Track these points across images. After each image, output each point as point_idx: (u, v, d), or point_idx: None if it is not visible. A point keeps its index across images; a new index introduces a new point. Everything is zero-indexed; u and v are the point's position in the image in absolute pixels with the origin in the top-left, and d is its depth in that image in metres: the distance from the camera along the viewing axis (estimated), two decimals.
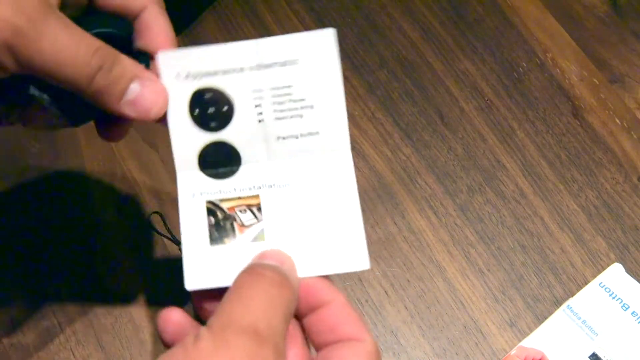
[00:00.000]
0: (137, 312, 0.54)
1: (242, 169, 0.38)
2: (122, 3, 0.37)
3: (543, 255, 0.54)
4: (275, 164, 0.38)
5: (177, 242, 0.56)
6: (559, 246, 0.54)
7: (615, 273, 0.51)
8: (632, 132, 0.58)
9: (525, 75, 0.61)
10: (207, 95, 0.37)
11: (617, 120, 0.59)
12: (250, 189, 0.38)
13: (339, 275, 0.54)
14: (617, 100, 0.60)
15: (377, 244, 0.55)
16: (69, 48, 0.32)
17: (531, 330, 0.51)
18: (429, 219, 0.56)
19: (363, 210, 0.56)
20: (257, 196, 0.38)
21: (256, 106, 0.37)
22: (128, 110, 0.35)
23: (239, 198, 0.38)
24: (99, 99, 0.35)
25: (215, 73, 0.37)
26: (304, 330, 0.35)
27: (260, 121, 0.37)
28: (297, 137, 0.37)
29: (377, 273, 0.54)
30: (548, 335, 0.50)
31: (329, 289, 0.35)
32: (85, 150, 0.59)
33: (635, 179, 0.57)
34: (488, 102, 0.60)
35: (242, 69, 0.37)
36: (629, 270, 0.52)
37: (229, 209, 0.38)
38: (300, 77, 0.36)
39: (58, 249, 0.55)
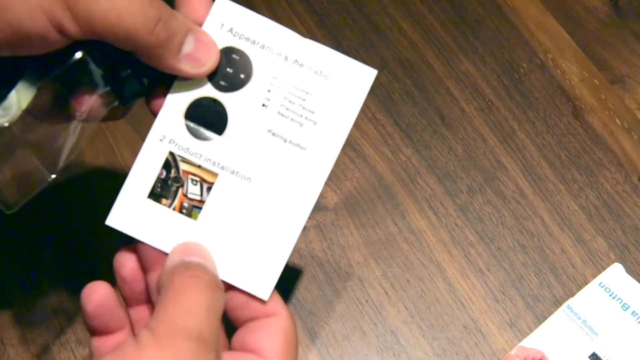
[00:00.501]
0: None
1: (219, 140, 0.37)
2: None
3: (543, 255, 0.54)
4: (250, 153, 0.37)
5: None
6: (559, 246, 0.54)
7: (615, 273, 0.51)
8: (633, 133, 0.58)
9: (526, 76, 0.61)
10: (235, 56, 0.37)
11: (618, 121, 0.59)
12: (214, 164, 0.37)
13: (339, 275, 0.54)
14: (618, 101, 0.60)
15: (377, 245, 0.55)
16: (127, 3, 0.32)
17: (531, 330, 0.51)
18: (429, 219, 0.56)
19: (364, 211, 0.56)
20: (215, 175, 0.37)
21: (268, 91, 0.37)
22: (184, 66, 0.35)
23: (199, 167, 0.37)
24: (158, 54, 0.34)
25: (253, 42, 0.37)
26: None
27: (263, 105, 0.37)
28: (285, 141, 0.37)
29: (377, 273, 0.54)
30: (548, 335, 0.50)
31: None
32: (86, 152, 0.59)
33: (635, 179, 0.57)
34: (488, 102, 0.60)
35: (279, 53, 0.37)
36: (629, 270, 0.52)
37: (183, 171, 0.37)
38: (322, 92, 0.37)
39: (58, 249, 0.56)
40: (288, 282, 0.55)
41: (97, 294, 0.36)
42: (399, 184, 0.57)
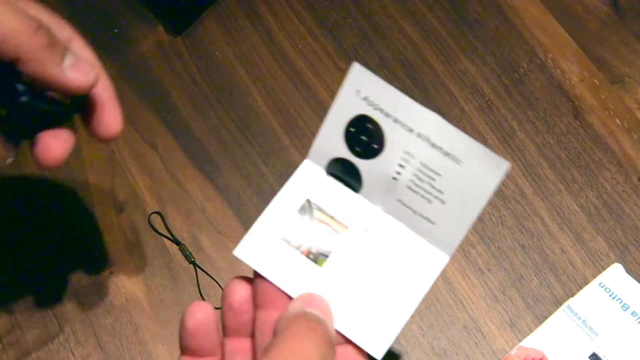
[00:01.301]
0: (137, 312, 0.54)
1: (353, 197, 0.39)
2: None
3: (543, 255, 0.54)
4: (381, 214, 0.38)
5: (178, 242, 0.56)
6: (559, 246, 0.54)
7: (615, 273, 0.51)
8: (633, 133, 0.58)
9: (526, 75, 0.61)
10: (369, 125, 0.37)
11: (618, 121, 0.59)
12: (346, 217, 0.38)
13: None
14: (618, 101, 0.60)
15: None
16: (9, 20, 0.34)
17: (531, 330, 0.51)
18: None
19: None
20: (345, 227, 0.38)
21: (399, 165, 0.37)
22: (70, 74, 0.37)
23: (332, 217, 0.38)
24: (41, 58, 0.35)
25: (387, 114, 0.36)
26: None
27: (394, 178, 0.38)
28: (414, 212, 0.38)
29: None
30: (548, 335, 0.50)
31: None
32: (85, 150, 0.59)
33: (635, 179, 0.57)
34: (488, 102, 0.60)
35: (411, 130, 0.36)
36: (629, 270, 0.52)
37: (317, 219, 0.38)
38: (453, 175, 0.36)
39: (58, 249, 0.55)
40: None
41: (200, 313, 0.35)
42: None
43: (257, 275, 0.36)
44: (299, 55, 0.63)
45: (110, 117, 0.41)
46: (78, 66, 0.37)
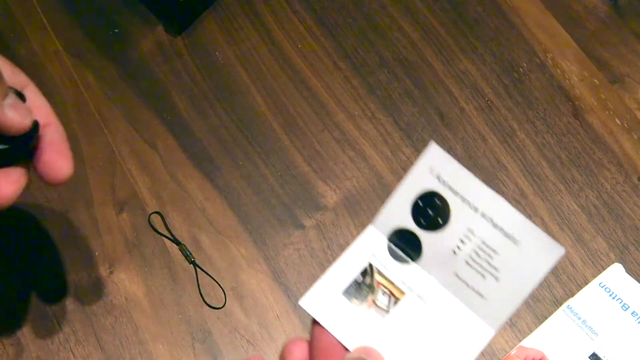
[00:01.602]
0: (137, 312, 0.54)
1: (413, 266, 0.41)
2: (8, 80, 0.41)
3: None
4: (436, 285, 0.41)
5: (178, 242, 0.56)
6: None
7: (615, 273, 0.51)
8: (633, 133, 0.58)
9: (526, 75, 0.61)
10: (437, 201, 0.40)
11: (618, 121, 0.59)
12: (404, 283, 0.42)
13: None
14: (618, 101, 0.60)
15: None
16: None
17: (531, 330, 0.51)
18: None
19: (363, 210, 0.56)
20: (403, 293, 0.41)
21: (461, 240, 0.40)
22: (7, 113, 0.38)
23: (391, 282, 0.42)
24: None
25: (456, 193, 0.40)
26: None
27: (454, 252, 0.40)
28: (467, 286, 0.40)
29: None
30: (548, 335, 0.50)
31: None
32: (85, 150, 0.59)
33: (635, 179, 0.57)
34: (488, 102, 0.60)
35: (476, 209, 0.39)
36: (629, 270, 0.52)
37: (377, 282, 0.42)
38: (509, 255, 0.39)
39: (57, 249, 0.55)
40: (288, 281, 0.55)
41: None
42: (398, 183, 0.57)
43: (315, 327, 0.38)
44: (299, 55, 0.63)
45: (60, 160, 0.42)
46: (17, 107, 0.39)
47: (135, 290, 0.55)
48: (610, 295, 0.50)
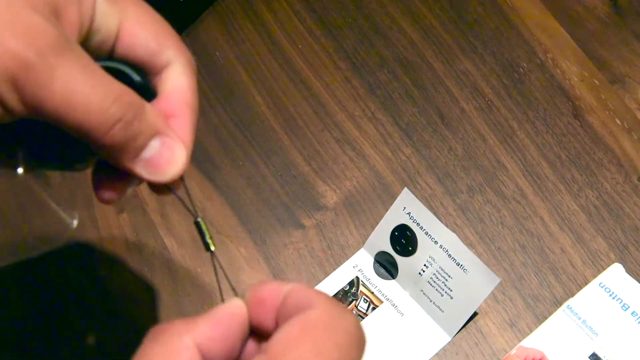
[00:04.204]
0: (137, 312, 0.54)
1: (391, 282, 0.54)
2: (147, 56, 0.33)
3: (543, 255, 0.54)
4: (407, 299, 0.53)
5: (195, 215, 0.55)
6: (559, 246, 0.54)
7: (615, 273, 0.51)
8: (633, 133, 0.58)
9: (526, 75, 0.61)
10: (408, 233, 0.51)
11: (618, 121, 0.59)
12: (382, 295, 0.53)
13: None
14: (618, 101, 0.60)
15: None
16: (85, 90, 0.28)
17: (531, 330, 0.51)
18: None
19: (363, 210, 0.56)
20: (381, 301, 0.53)
21: (425, 265, 0.51)
22: (140, 170, 0.31)
23: (372, 293, 0.53)
24: (112, 154, 0.30)
25: (422, 228, 0.51)
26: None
27: (419, 273, 0.52)
28: (430, 301, 0.52)
29: None
30: (548, 335, 0.50)
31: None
32: None
33: (635, 179, 0.57)
34: (488, 102, 0.60)
35: (436, 242, 0.50)
36: (629, 270, 0.52)
37: (361, 291, 0.53)
38: (459, 280, 0.50)
39: (57, 250, 0.55)
40: (288, 281, 0.55)
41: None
42: (398, 183, 0.57)
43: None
44: (299, 55, 0.63)
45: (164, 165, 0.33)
46: (155, 162, 0.32)
47: (135, 291, 0.55)
48: (610, 295, 0.50)
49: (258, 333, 0.30)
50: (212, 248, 0.35)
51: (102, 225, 0.57)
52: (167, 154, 0.32)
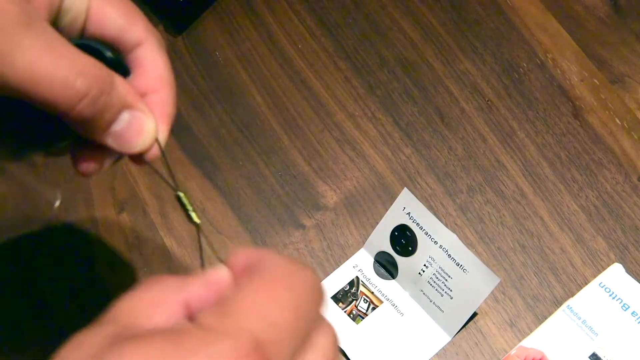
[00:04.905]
0: None
1: (391, 281, 0.54)
2: (117, 34, 0.34)
3: (543, 255, 0.54)
4: (407, 299, 0.53)
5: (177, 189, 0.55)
6: (559, 246, 0.54)
7: (615, 273, 0.51)
8: (633, 133, 0.58)
9: (526, 75, 0.61)
10: (408, 233, 0.51)
11: (618, 121, 0.59)
12: (382, 294, 0.53)
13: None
14: (618, 101, 0.60)
15: None
16: (48, 65, 0.28)
17: (531, 330, 0.51)
18: None
19: (363, 210, 0.56)
20: (381, 301, 0.53)
21: (425, 265, 0.51)
22: (111, 142, 0.32)
23: (372, 293, 0.53)
24: (83, 127, 0.31)
25: (422, 228, 0.50)
26: None
27: (419, 273, 0.52)
28: (430, 300, 0.52)
29: None
30: (548, 335, 0.50)
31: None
32: None
33: (635, 179, 0.57)
34: (488, 102, 0.60)
35: (435, 242, 0.50)
36: (629, 270, 0.52)
37: (361, 291, 0.53)
38: (459, 280, 0.50)
39: (58, 249, 0.55)
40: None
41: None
42: (398, 183, 0.57)
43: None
44: (299, 55, 0.63)
45: (135, 138, 0.34)
46: (124, 135, 0.32)
47: None
48: (610, 295, 0.50)
49: None
50: (198, 221, 0.35)
51: (102, 225, 0.57)
52: (136, 126, 0.33)
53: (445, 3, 0.64)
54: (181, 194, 0.35)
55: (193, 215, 0.35)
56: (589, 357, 0.49)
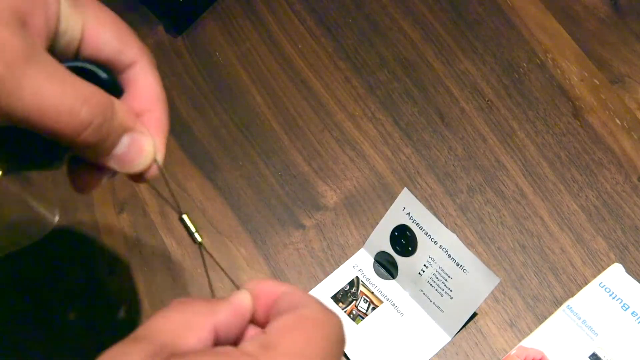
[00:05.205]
0: (137, 312, 0.54)
1: (391, 282, 0.54)
2: (112, 55, 0.34)
3: (543, 255, 0.54)
4: (408, 299, 0.53)
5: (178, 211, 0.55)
6: (559, 246, 0.54)
7: (615, 273, 0.51)
8: (633, 133, 0.58)
9: (526, 75, 0.61)
10: (408, 233, 0.51)
11: (618, 121, 0.59)
12: (382, 295, 0.53)
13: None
14: (618, 101, 0.59)
15: None
16: (54, 96, 0.29)
17: (531, 330, 0.51)
18: None
19: (363, 210, 0.56)
20: (381, 302, 0.53)
21: (425, 265, 0.51)
22: (113, 164, 0.33)
23: (372, 293, 0.53)
24: (85, 152, 0.32)
25: (421, 228, 0.50)
26: None
27: (419, 273, 0.52)
28: (430, 301, 0.52)
29: None
30: (548, 335, 0.50)
31: None
32: None
33: (635, 179, 0.57)
34: (488, 102, 0.60)
35: (435, 242, 0.50)
36: (629, 270, 0.52)
37: (361, 291, 0.53)
38: (459, 280, 0.50)
39: (58, 250, 0.56)
40: (288, 281, 0.55)
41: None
42: (398, 183, 0.57)
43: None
44: (299, 55, 0.63)
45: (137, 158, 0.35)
46: (125, 158, 0.33)
47: (135, 290, 0.55)
48: (610, 295, 0.50)
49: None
50: (200, 239, 0.37)
51: (102, 225, 0.57)
52: (136, 148, 0.34)
53: (445, 3, 0.64)
54: (185, 217, 0.37)
55: (197, 235, 0.36)
56: (589, 357, 0.49)
